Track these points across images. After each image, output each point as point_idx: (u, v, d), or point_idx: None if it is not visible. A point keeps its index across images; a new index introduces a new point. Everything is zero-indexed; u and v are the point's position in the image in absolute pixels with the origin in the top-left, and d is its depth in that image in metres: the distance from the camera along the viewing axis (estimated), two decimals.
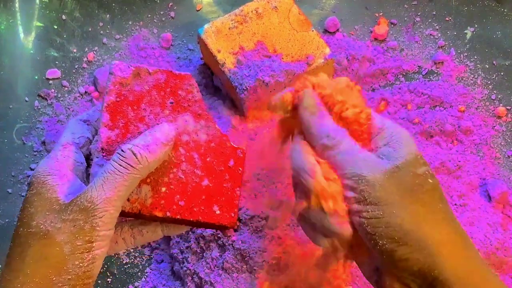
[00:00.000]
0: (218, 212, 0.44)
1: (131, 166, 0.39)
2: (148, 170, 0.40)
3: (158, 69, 0.45)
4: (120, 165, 0.39)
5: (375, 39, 0.72)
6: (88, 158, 0.45)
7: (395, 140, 0.39)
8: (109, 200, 0.38)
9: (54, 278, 0.37)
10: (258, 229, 0.56)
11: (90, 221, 0.37)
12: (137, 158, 0.39)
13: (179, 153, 0.44)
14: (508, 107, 0.67)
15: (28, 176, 0.65)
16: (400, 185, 0.37)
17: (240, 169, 0.45)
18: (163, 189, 0.42)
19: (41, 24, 0.73)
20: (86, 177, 0.44)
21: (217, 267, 0.57)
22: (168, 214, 0.42)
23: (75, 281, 0.37)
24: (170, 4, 0.75)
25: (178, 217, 0.43)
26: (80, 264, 0.37)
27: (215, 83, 0.67)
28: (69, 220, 0.37)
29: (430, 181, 0.38)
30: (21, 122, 0.68)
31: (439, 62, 0.70)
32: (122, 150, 0.39)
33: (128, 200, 0.41)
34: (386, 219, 0.36)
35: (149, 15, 0.74)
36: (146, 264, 0.62)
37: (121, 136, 0.43)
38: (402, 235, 0.35)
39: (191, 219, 0.43)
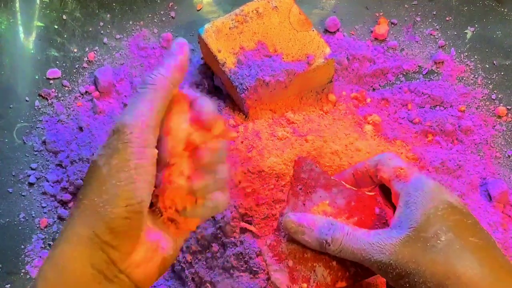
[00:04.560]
0: None
1: (149, 84, 0.39)
2: (169, 81, 0.40)
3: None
4: (141, 88, 0.39)
5: (376, 39, 0.72)
6: None
7: (412, 201, 0.43)
8: (137, 116, 0.38)
9: (96, 199, 0.37)
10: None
11: (122, 139, 0.37)
12: (151, 77, 0.40)
13: None
14: (509, 107, 0.67)
15: (29, 176, 0.65)
16: (413, 253, 0.41)
17: (384, 211, 0.48)
18: (334, 263, 0.46)
19: (41, 24, 0.73)
20: None
21: (217, 267, 0.57)
22: (350, 281, 0.46)
23: (116, 201, 0.37)
24: (171, 4, 0.75)
25: (359, 278, 0.46)
26: (118, 183, 0.37)
27: (215, 83, 0.67)
28: (107, 146, 0.38)
29: (443, 238, 0.41)
30: (22, 121, 0.68)
31: (439, 62, 0.70)
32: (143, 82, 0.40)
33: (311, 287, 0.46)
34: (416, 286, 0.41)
35: (150, 15, 0.74)
36: None
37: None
38: None
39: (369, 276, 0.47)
